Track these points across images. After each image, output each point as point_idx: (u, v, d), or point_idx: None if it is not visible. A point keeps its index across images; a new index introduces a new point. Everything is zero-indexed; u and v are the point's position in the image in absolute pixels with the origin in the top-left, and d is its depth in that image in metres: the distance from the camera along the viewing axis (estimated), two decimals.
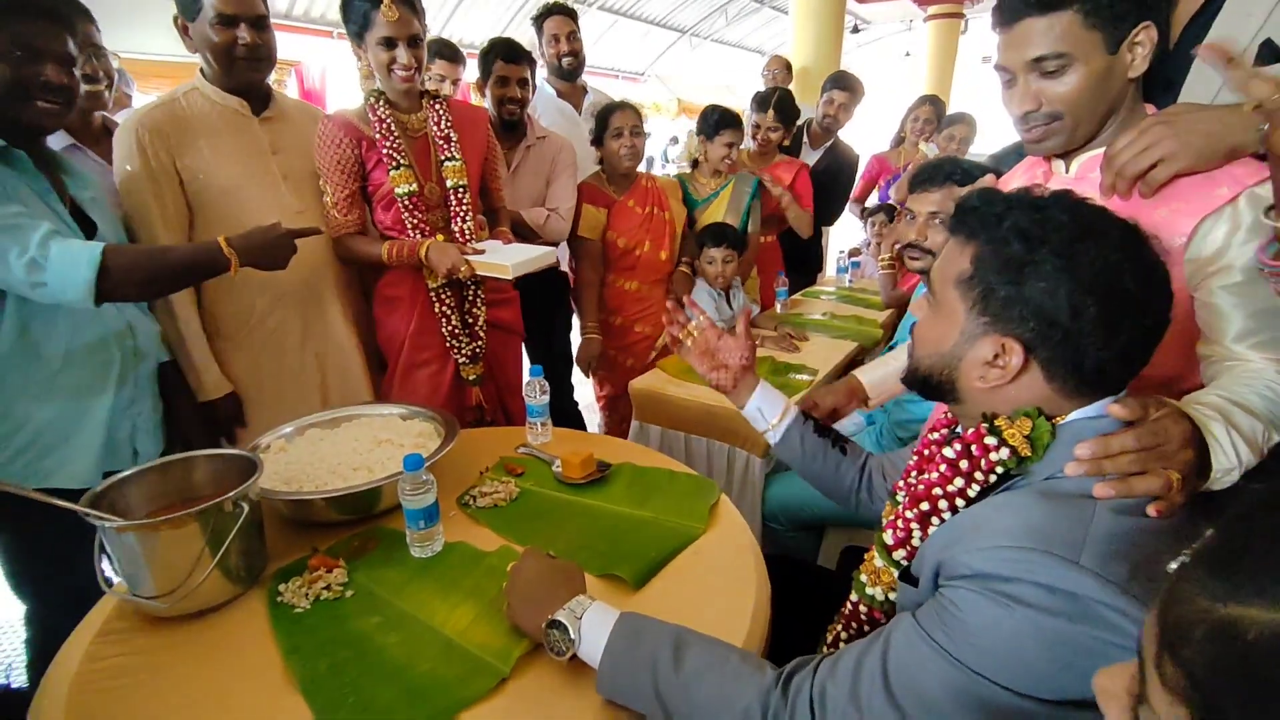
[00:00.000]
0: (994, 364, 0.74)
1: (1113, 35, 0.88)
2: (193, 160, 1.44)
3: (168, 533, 0.89)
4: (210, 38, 1.40)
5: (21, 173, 1.16)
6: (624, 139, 2.14)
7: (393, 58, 1.53)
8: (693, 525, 1.14)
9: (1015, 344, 0.72)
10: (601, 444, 1.50)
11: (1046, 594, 0.60)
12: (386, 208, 1.67)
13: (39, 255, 1.05)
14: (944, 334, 0.77)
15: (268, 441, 1.28)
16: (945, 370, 0.78)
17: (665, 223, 2.31)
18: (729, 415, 1.80)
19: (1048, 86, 0.92)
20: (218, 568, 0.92)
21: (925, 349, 0.80)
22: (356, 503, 1.13)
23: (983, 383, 0.75)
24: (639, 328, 2.33)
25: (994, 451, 0.73)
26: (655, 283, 2.33)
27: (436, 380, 1.79)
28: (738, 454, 1.83)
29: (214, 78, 1.47)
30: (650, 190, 2.30)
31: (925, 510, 0.79)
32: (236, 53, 1.42)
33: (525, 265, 1.64)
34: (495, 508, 1.21)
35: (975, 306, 0.74)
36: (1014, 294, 0.71)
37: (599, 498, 1.25)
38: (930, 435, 0.92)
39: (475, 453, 1.39)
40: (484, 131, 1.81)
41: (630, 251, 2.26)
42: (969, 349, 0.75)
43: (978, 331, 0.74)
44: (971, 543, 0.66)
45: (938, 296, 0.79)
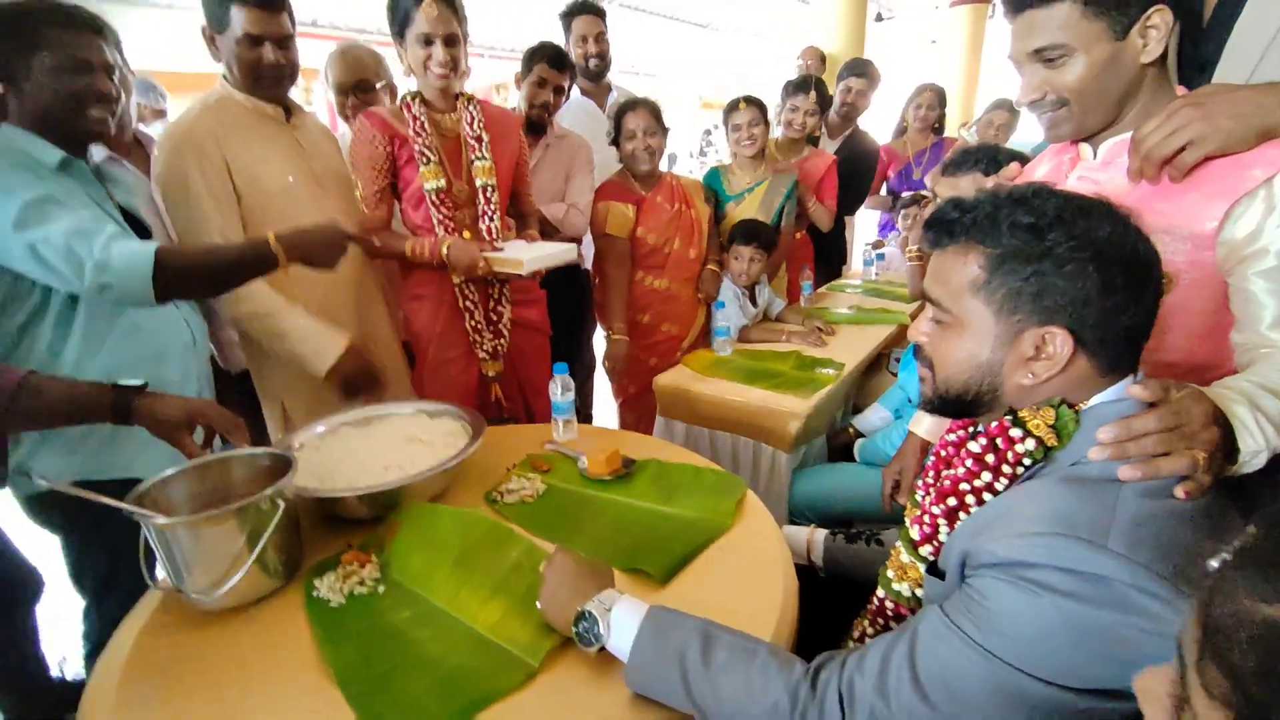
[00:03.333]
0: (1039, 358, 0.73)
1: (1119, 22, 0.87)
2: (245, 163, 1.48)
3: (208, 529, 0.93)
4: (236, 53, 1.44)
5: (83, 183, 1.21)
6: (637, 140, 2.14)
7: (429, 55, 1.56)
8: (719, 521, 1.15)
9: (1058, 331, 0.71)
10: (627, 440, 1.51)
11: (1073, 579, 0.60)
12: (416, 205, 1.71)
13: (103, 257, 1.09)
14: (974, 346, 0.76)
15: (301, 440, 1.32)
16: (985, 380, 0.76)
17: (693, 220, 2.30)
18: (754, 411, 1.80)
19: (1052, 75, 0.91)
20: (256, 563, 0.95)
21: (957, 368, 0.78)
22: (387, 499, 1.16)
23: (1031, 379, 0.74)
24: (666, 327, 2.32)
25: (1020, 443, 0.73)
26: (685, 281, 2.31)
27: (464, 377, 1.83)
28: (763, 449, 1.83)
29: (239, 86, 1.51)
30: (676, 188, 2.30)
31: (953, 505, 0.79)
32: (262, 70, 1.46)
33: (539, 261, 1.67)
34: (523, 504, 1.23)
35: (1003, 308, 0.73)
36: (1042, 284, 0.71)
37: (625, 494, 1.26)
38: (947, 437, 0.91)
39: (502, 450, 1.42)
40: (516, 136, 1.84)
41: (659, 249, 2.25)
42: (1008, 351, 0.74)
43: (1013, 330, 0.73)
44: (997, 531, 0.66)
45: (953, 312, 0.77)
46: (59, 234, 1.08)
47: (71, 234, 1.09)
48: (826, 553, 1.22)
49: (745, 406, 1.82)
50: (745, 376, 1.94)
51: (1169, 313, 0.88)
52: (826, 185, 2.70)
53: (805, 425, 1.75)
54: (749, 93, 2.52)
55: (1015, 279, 0.72)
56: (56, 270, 1.09)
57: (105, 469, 1.26)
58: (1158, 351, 0.93)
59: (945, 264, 0.78)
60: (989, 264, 0.74)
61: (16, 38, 1.13)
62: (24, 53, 1.14)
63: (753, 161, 2.47)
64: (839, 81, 3.22)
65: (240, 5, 1.39)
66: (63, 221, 1.09)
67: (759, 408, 1.80)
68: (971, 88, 8.33)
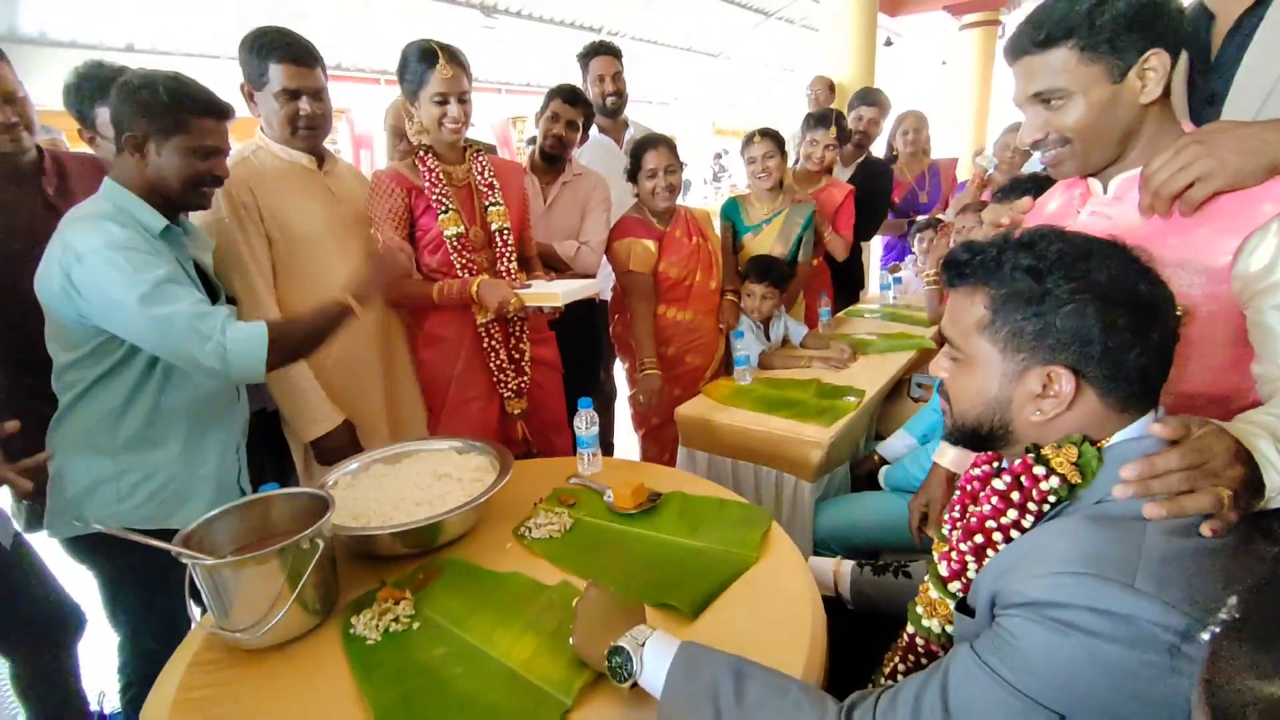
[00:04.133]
0: (1045, 395, 0.75)
1: (1115, 66, 0.90)
2: (276, 211, 1.56)
3: (251, 569, 0.96)
4: (275, 108, 1.52)
5: (176, 248, 1.29)
6: (658, 179, 2.17)
7: (444, 113, 1.64)
8: (745, 554, 1.16)
9: (1061, 370, 0.73)
10: (651, 472, 1.53)
11: (1101, 619, 0.61)
12: (434, 251, 1.76)
13: (220, 341, 1.17)
14: (983, 383, 0.79)
15: (335, 479, 1.36)
16: (996, 416, 0.79)
17: (709, 252, 2.34)
18: (776, 440, 1.81)
19: (1053, 117, 0.94)
20: (296, 601, 0.98)
21: (968, 403, 0.82)
22: (421, 536, 1.18)
23: (1040, 416, 0.76)
24: (690, 358, 2.34)
25: (1044, 481, 0.74)
26: (707, 312, 2.35)
27: (484, 417, 1.86)
28: (786, 479, 1.83)
29: (277, 138, 1.58)
30: (690, 221, 2.34)
31: (980, 543, 0.80)
32: (299, 123, 1.54)
33: (574, 294, 1.72)
34: (550, 539, 1.26)
35: (1008, 347, 0.76)
36: (1042, 325, 0.73)
37: (651, 527, 1.28)
38: (972, 471, 0.92)
39: (528, 484, 1.44)
40: (521, 185, 1.91)
41: (682, 282, 2.28)
42: (1015, 388, 0.77)
43: (1018, 369, 0.76)
44: (1025, 570, 0.67)
45: (963, 350, 0.81)
46: (184, 315, 1.16)
47: (194, 316, 1.17)
48: (854, 585, 1.22)
49: (767, 436, 1.83)
50: (766, 405, 1.96)
51: (1189, 345, 0.89)
52: (843, 215, 2.73)
53: (828, 454, 1.76)
54: (763, 123, 2.57)
55: (1017, 319, 0.75)
56: (178, 348, 1.17)
57: (150, 519, 1.31)
58: (1180, 383, 0.93)
59: (957, 304, 0.82)
60: (993, 304, 0.77)
61: (162, 118, 1.21)
62: (165, 132, 1.22)
63: (770, 193, 2.51)
64: (850, 110, 3.27)
65: (278, 62, 1.48)
66: (184, 302, 1.17)
67: (781, 437, 1.81)
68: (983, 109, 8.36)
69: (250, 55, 1.49)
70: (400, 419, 1.83)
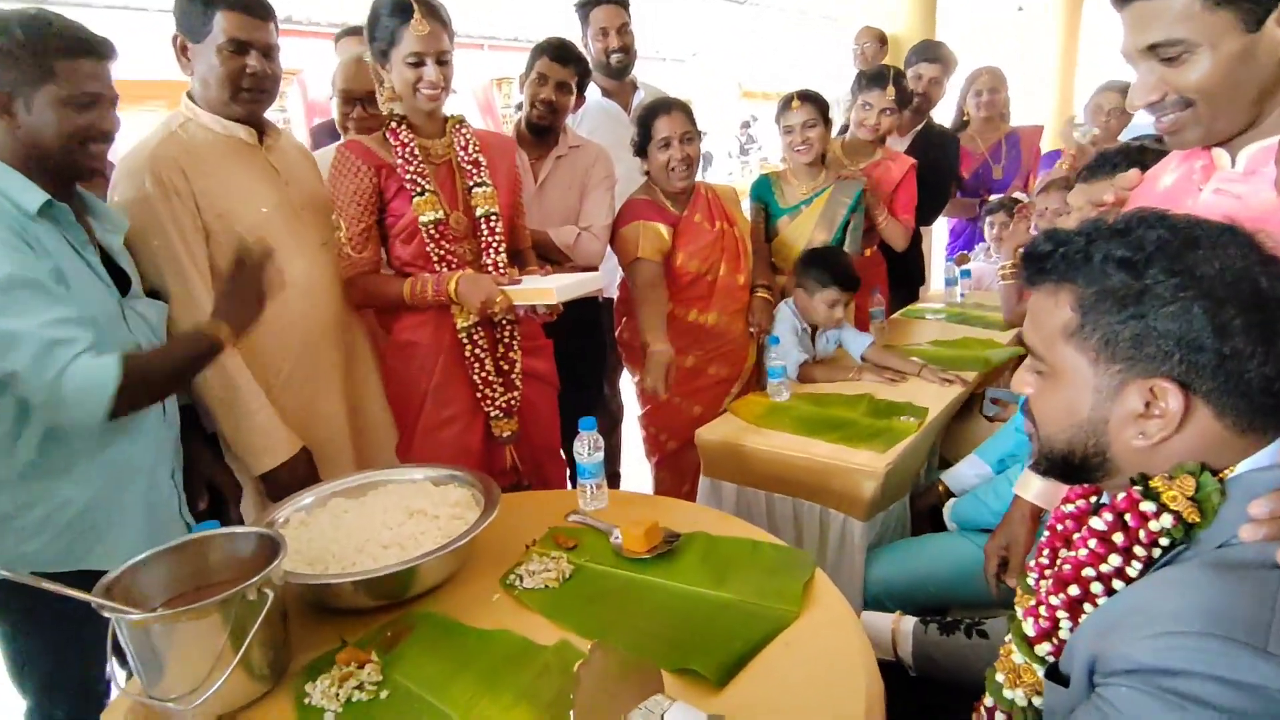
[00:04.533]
0: (1149, 414, 0.74)
1: (1251, 11, 0.89)
2: (215, 198, 1.57)
3: (187, 624, 0.96)
4: (216, 64, 1.53)
5: (64, 228, 1.29)
6: (672, 150, 2.17)
7: (420, 76, 1.66)
8: (784, 608, 1.16)
9: (1166, 384, 0.73)
10: (667, 508, 1.53)
11: (1227, 690, 0.60)
12: (407, 241, 1.77)
13: (55, 380, 1.16)
14: (1073, 401, 0.79)
15: (286, 515, 1.36)
16: (1091, 441, 0.79)
17: (737, 240, 2.34)
18: (820, 469, 1.81)
19: (1171, 74, 0.94)
20: (240, 664, 0.98)
21: (1056, 425, 0.82)
22: (390, 586, 1.19)
23: (1143, 440, 0.76)
24: (714, 369, 2.34)
25: (1153, 519, 0.73)
26: (735, 313, 2.34)
27: (463, 441, 1.86)
28: (832, 517, 1.83)
29: (211, 104, 1.59)
30: (713, 202, 2.34)
31: (1075, 595, 0.79)
32: (243, 82, 1.55)
33: (572, 290, 1.72)
34: (545, 589, 1.25)
35: (1100, 356, 0.76)
36: (1141, 328, 0.73)
37: (669, 575, 1.27)
38: (1064, 508, 0.92)
39: (518, 523, 1.44)
40: (512, 162, 1.93)
41: (703, 277, 2.28)
42: (1112, 407, 0.77)
43: (1114, 383, 0.76)
44: (1133, 630, 0.67)
45: (1048, 361, 0.81)
46: (31, 338, 1.15)
47: (44, 344, 1.15)
48: (917, 646, 1.21)
49: (808, 464, 1.83)
50: (808, 426, 1.96)
51: None
52: (902, 196, 2.73)
53: (883, 486, 1.75)
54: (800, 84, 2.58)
55: (1111, 323, 0.75)
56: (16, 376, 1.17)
57: (63, 560, 1.31)
58: None
59: (1039, 305, 0.82)
60: (1081, 305, 0.77)
61: (24, 65, 1.21)
62: (31, 82, 1.22)
63: (810, 169, 2.51)
64: (907, 68, 3.27)
65: (226, 9, 1.49)
66: (35, 318, 1.16)
67: (826, 465, 1.80)
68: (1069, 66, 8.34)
69: (191, 1, 1.50)
70: (366, 442, 1.84)
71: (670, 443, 2.38)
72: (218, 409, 1.58)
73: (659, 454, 2.45)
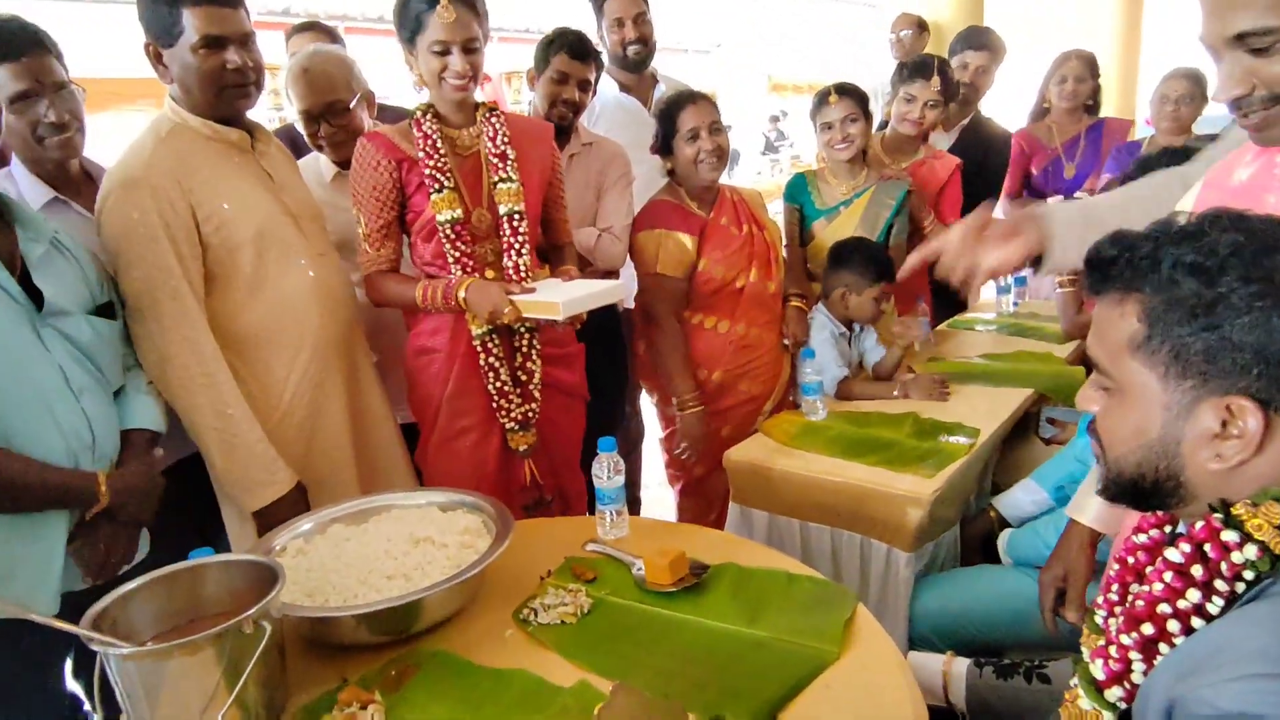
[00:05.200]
0: (1226, 435, 0.74)
1: None
2: (212, 208, 1.60)
3: (179, 660, 0.98)
4: (193, 64, 1.55)
5: None
6: (701, 141, 2.19)
7: (445, 65, 1.69)
8: (823, 648, 1.15)
9: (1244, 401, 0.72)
10: (693, 537, 1.53)
11: None
12: (428, 238, 1.82)
13: None
14: (1142, 419, 0.79)
15: (283, 542, 1.38)
16: (1163, 464, 0.79)
17: (767, 245, 2.34)
18: (861, 495, 1.80)
19: (1262, 66, 0.93)
20: (235, 703, 0.99)
21: (1124, 445, 0.81)
22: (394, 620, 1.20)
23: (1220, 462, 0.75)
24: (745, 386, 2.33)
25: (1236, 550, 0.73)
26: (766, 324, 2.34)
27: (480, 453, 1.89)
28: (874, 548, 1.82)
29: (196, 107, 1.62)
30: (739, 205, 2.34)
31: (1150, 634, 0.78)
32: (225, 79, 1.58)
33: (580, 303, 1.73)
34: (562, 624, 1.26)
35: (1170, 371, 0.76)
36: (1215, 341, 0.73)
37: (696, 610, 1.27)
38: (1135, 538, 0.91)
39: (533, 551, 1.45)
40: (548, 150, 1.95)
41: (730, 283, 2.28)
42: (1185, 426, 0.76)
43: (1186, 400, 0.76)
44: (1215, 673, 0.66)
45: (1113, 376, 0.81)
46: None
47: None
48: (970, 691, 1.20)
49: (847, 489, 1.82)
50: (846, 448, 1.95)
51: None
52: (948, 198, 2.72)
53: (930, 514, 1.74)
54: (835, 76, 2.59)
55: (1182, 335, 0.74)
56: None
57: None
58: None
59: (1104, 315, 0.81)
60: (1148, 315, 0.77)
61: None
62: None
63: (849, 166, 2.51)
64: (951, 57, 3.27)
65: (193, 6, 1.51)
66: None
67: (867, 491, 1.80)
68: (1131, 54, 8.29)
69: (154, 4, 1.52)
70: (372, 460, 1.87)
71: (696, 467, 2.38)
72: (209, 438, 1.60)
73: (683, 479, 2.45)
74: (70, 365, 1.38)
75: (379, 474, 1.88)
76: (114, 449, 1.47)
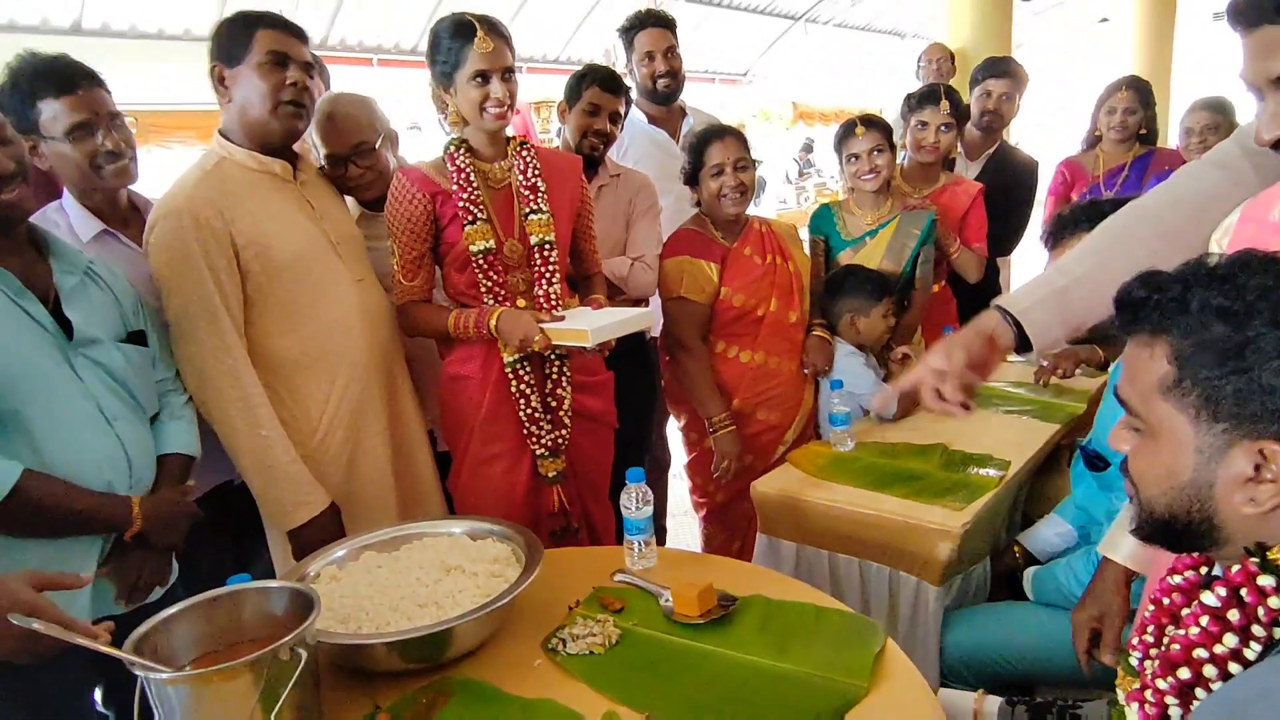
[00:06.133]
0: (1260, 479, 0.73)
1: None
2: (252, 235, 1.65)
3: (218, 685, 0.99)
4: (257, 79, 1.63)
5: None
6: (725, 177, 2.22)
7: (486, 94, 1.74)
8: (852, 682, 1.14)
9: (1277, 446, 0.72)
10: (721, 568, 1.53)
11: None
12: (461, 269, 1.86)
13: None
14: (1174, 461, 0.78)
15: (316, 569, 1.40)
16: (1195, 506, 0.78)
17: (791, 275, 2.36)
18: (889, 527, 1.79)
19: None
20: None
21: (1156, 487, 0.81)
22: (425, 648, 1.21)
23: (1254, 507, 0.74)
24: (763, 414, 2.34)
25: (1273, 595, 0.72)
26: (786, 353, 2.35)
27: (511, 478, 1.91)
28: (903, 580, 1.80)
29: (249, 130, 1.69)
30: (767, 236, 2.37)
31: (1186, 679, 0.77)
32: (283, 96, 1.65)
33: (609, 330, 1.75)
34: (591, 655, 1.26)
35: (1202, 413, 0.76)
36: (1245, 385, 0.73)
37: (724, 642, 1.27)
38: (1170, 579, 0.90)
39: (561, 581, 1.45)
40: (576, 183, 1.99)
41: (751, 312, 2.30)
42: (1218, 470, 0.76)
43: (1219, 444, 0.75)
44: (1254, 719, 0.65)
45: (1144, 417, 0.81)
46: None
47: None
48: None
49: (877, 521, 1.81)
50: (875, 480, 1.93)
51: None
52: (972, 222, 2.72)
53: (960, 547, 1.72)
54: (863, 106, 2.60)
55: (1210, 378, 0.74)
56: None
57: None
58: None
59: (1133, 356, 0.82)
60: (1177, 358, 0.77)
61: None
62: None
63: (875, 197, 2.53)
64: (973, 86, 3.28)
65: (266, 28, 1.62)
66: None
67: (896, 522, 1.78)
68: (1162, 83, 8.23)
69: (232, 27, 1.64)
70: (411, 484, 1.90)
71: (718, 495, 2.38)
72: (245, 460, 1.64)
73: (708, 506, 2.45)
74: (103, 393, 1.41)
75: (418, 499, 1.90)
76: (150, 474, 1.50)
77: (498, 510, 1.79)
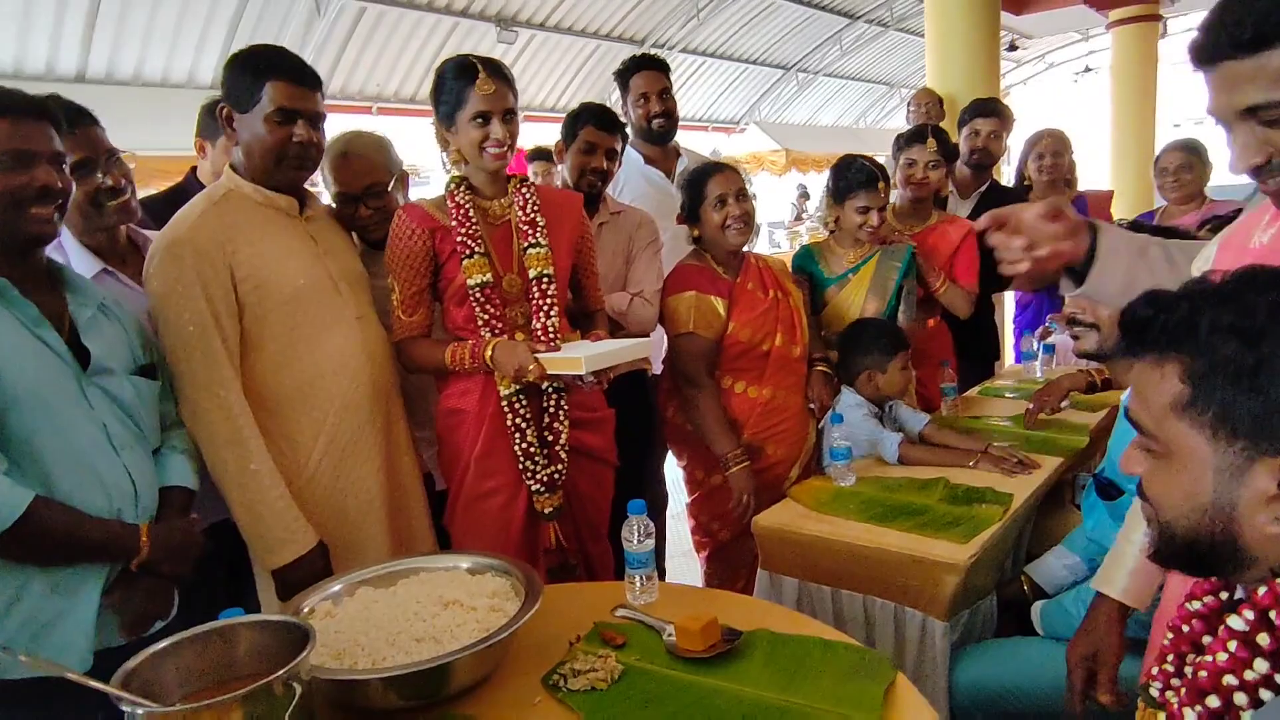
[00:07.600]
0: None
1: None
2: (252, 268, 1.64)
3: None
4: (262, 133, 1.63)
5: (8, 305, 1.31)
6: (729, 208, 2.23)
7: (486, 134, 1.76)
8: (862, 717, 1.12)
9: None
10: (725, 603, 1.50)
11: None
12: (460, 303, 1.85)
13: None
14: (1193, 482, 0.77)
15: (311, 604, 1.36)
16: (1218, 528, 0.76)
17: (792, 310, 2.36)
18: (893, 562, 1.76)
19: (1275, 135, 0.93)
20: None
21: (1175, 509, 0.79)
22: (422, 684, 1.17)
23: (1278, 526, 0.73)
24: (771, 449, 2.32)
25: None
26: (792, 388, 2.34)
27: (506, 514, 1.88)
28: (909, 616, 1.77)
29: (254, 173, 1.69)
30: (765, 271, 2.38)
31: (1215, 708, 0.75)
32: (289, 150, 1.65)
33: (603, 359, 1.74)
34: (592, 691, 1.23)
35: (1219, 433, 0.75)
36: (1262, 404, 0.72)
37: (729, 677, 1.24)
38: (1189, 605, 0.88)
39: (562, 616, 1.42)
40: (577, 218, 2.00)
41: (757, 346, 2.29)
42: (1239, 489, 0.74)
43: (1239, 462, 0.74)
44: None
45: (1159, 437, 0.79)
46: None
47: None
48: None
49: (880, 555, 1.78)
50: (877, 514, 1.91)
51: None
52: (963, 260, 2.73)
53: (966, 581, 1.69)
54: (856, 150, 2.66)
55: (1225, 397, 0.73)
56: None
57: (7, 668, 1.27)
58: None
59: (1142, 377, 0.80)
60: (1191, 377, 0.76)
61: None
62: None
63: (853, 237, 2.58)
64: (961, 126, 3.36)
65: (276, 79, 1.61)
66: None
67: (901, 557, 1.76)
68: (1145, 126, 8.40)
69: (242, 72, 1.63)
70: (404, 522, 1.86)
71: (722, 532, 2.35)
72: (233, 494, 1.61)
73: (710, 545, 2.42)
74: (113, 422, 1.40)
75: (410, 539, 1.87)
76: (154, 503, 1.48)
77: (494, 546, 1.76)
